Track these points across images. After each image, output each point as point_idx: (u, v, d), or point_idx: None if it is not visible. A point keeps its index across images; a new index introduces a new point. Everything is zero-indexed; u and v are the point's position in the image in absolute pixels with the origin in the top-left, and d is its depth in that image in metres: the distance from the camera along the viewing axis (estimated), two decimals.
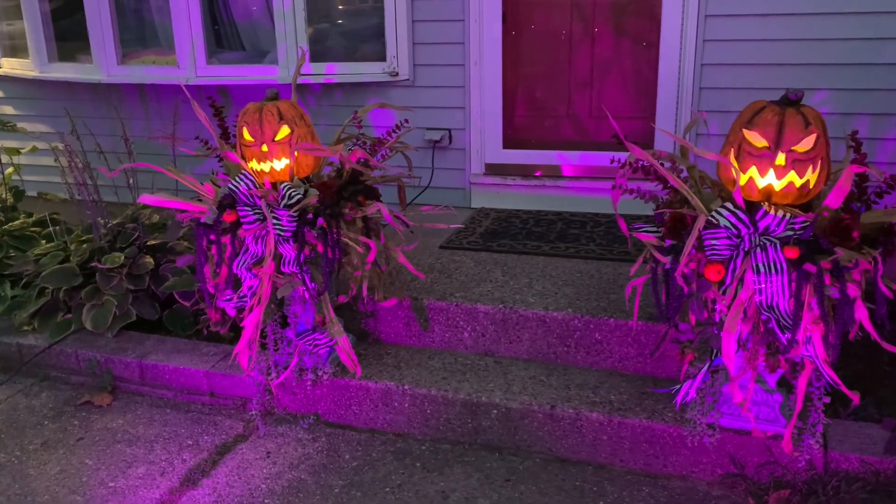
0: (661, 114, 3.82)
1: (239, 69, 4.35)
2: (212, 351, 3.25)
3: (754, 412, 2.46)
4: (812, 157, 2.16)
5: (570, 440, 2.67)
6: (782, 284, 2.11)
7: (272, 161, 2.70)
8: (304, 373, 2.90)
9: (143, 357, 3.22)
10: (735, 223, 2.16)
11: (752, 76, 3.64)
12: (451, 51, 4.06)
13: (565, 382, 2.81)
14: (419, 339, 3.12)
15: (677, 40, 3.70)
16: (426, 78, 4.14)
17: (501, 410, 2.72)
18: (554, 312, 2.90)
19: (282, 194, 2.63)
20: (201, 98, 4.60)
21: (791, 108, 2.18)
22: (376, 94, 4.24)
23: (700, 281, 2.22)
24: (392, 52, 4.13)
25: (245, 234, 2.69)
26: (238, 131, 2.75)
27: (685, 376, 2.44)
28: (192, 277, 3.44)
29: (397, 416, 2.88)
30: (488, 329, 3.01)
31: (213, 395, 3.13)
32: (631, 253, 3.44)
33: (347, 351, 2.78)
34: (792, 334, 2.12)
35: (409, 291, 3.12)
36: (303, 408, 3.00)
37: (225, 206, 2.67)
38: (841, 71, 3.52)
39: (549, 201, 4.06)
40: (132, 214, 3.86)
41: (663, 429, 2.56)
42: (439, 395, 2.79)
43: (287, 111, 2.72)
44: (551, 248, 3.54)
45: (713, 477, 2.54)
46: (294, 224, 2.60)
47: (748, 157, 2.20)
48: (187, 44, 4.32)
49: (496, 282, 3.20)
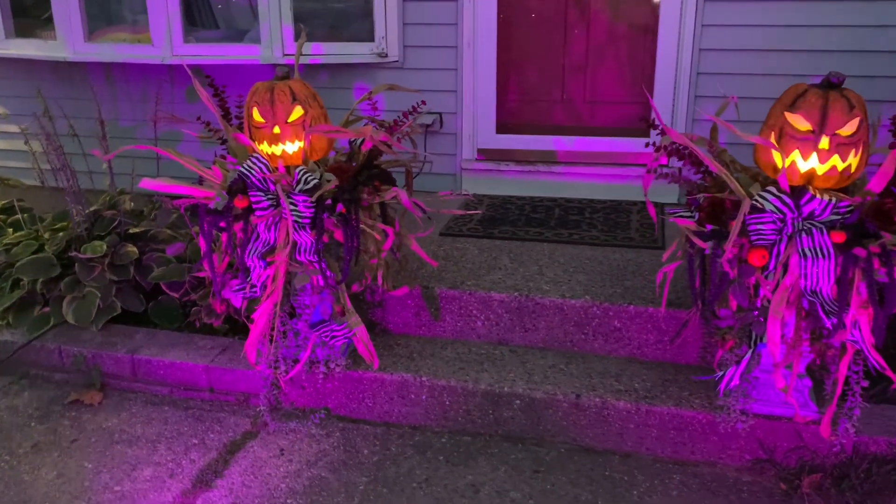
0: (658, 99, 3.80)
1: (218, 48, 4.15)
2: (208, 344, 3.08)
3: (782, 397, 2.45)
4: (855, 141, 2.15)
5: (595, 429, 2.63)
6: (828, 269, 2.10)
7: (284, 144, 2.55)
8: (315, 366, 2.78)
9: (134, 352, 3.04)
10: (780, 207, 2.13)
11: (751, 62, 3.65)
12: (442, 32, 3.95)
13: (586, 371, 2.76)
14: (429, 329, 3.03)
15: (676, 24, 3.68)
16: (417, 60, 4.02)
17: (525, 401, 2.65)
18: (572, 300, 2.84)
19: (297, 178, 2.50)
20: (174, 79, 4.39)
21: (834, 92, 2.16)
22: (364, 75, 4.10)
23: (743, 266, 2.19)
24: (381, 32, 3.99)
25: (257, 221, 2.54)
26: (247, 112, 2.59)
27: (721, 363, 2.41)
28: (180, 267, 3.26)
29: (414, 408, 2.78)
30: (503, 318, 2.93)
31: (213, 390, 2.97)
32: (635, 239, 3.42)
33: (366, 342, 2.67)
34: (838, 319, 2.11)
35: (417, 280, 3.02)
36: (312, 402, 2.87)
37: (236, 191, 2.52)
38: (840, 57, 3.55)
39: (544, 187, 4.00)
40: (110, 201, 3.64)
41: (692, 416, 2.53)
42: (459, 386, 2.70)
43: (300, 91, 2.57)
44: (554, 235, 3.48)
45: (742, 463, 2.54)
46: (312, 210, 2.47)
47: (791, 141, 2.17)
48: (162, 21, 4.09)
49: (506, 269, 3.12)
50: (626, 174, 3.93)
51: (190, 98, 4.38)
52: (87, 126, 4.01)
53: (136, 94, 4.50)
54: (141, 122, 4.53)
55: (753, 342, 2.28)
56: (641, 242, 3.38)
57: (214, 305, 2.81)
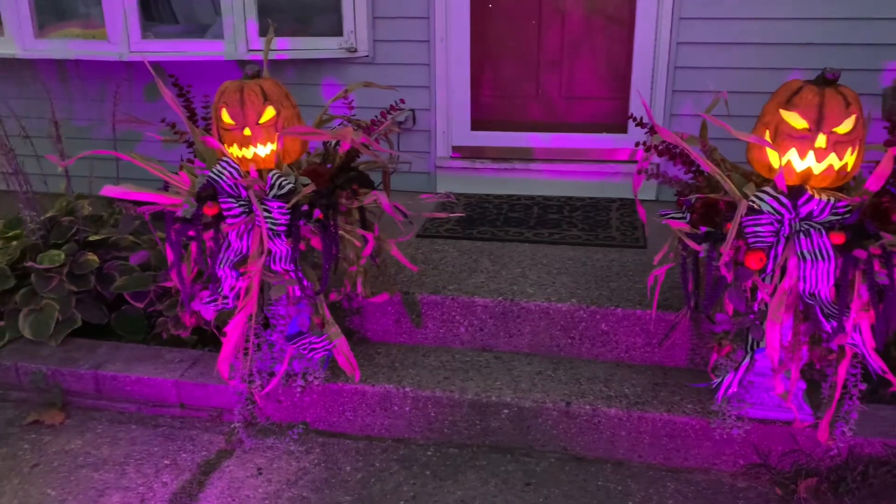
0: (635, 94, 3.73)
1: (179, 44, 3.96)
2: (177, 357, 2.93)
3: (776, 400, 2.40)
4: (852, 139, 2.09)
5: (586, 437, 2.55)
6: (827, 271, 2.04)
7: (256, 146, 2.42)
8: (291, 379, 2.65)
9: (98, 367, 2.87)
10: (778, 208, 2.06)
11: (728, 55, 3.60)
12: (414, 26, 3.83)
13: (574, 376, 2.68)
14: (410, 336, 2.92)
15: (653, 17, 3.61)
16: (387, 55, 3.89)
17: (513, 410, 2.56)
18: (558, 304, 2.76)
19: (270, 183, 2.36)
20: (132, 76, 4.19)
21: (830, 88, 2.09)
22: (332, 71, 3.96)
23: (739, 269, 2.12)
24: (349, 26, 3.85)
25: (229, 230, 2.40)
26: (215, 113, 2.45)
27: (715, 368, 2.35)
28: (145, 276, 3.09)
29: (397, 420, 2.67)
30: (487, 323, 2.83)
31: (184, 406, 2.82)
32: (616, 238, 3.35)
33: (346, 354, 2.55)
34: (838, 322, 2.05)
35: (397, 286, 2.91)
36: (289, 416, 2.74)
37: (205, 198, 2.37)
38: (817, 51, 3.51)
39: (521, 185, 3.91)
40: (67, 206, 3.45)
41: (685, 421, 2.47)
42: (444, 396, 2.60)
43: (271, 90, 2.44)
44: (535, 235, 3.39)
45: (736, 468, 2.48)
46: (287, 216, 2.34)
47: (787, 139, 2.10)
48: (119, 15, 3.89)
49: (487, 272, 3.03)
50: (604, 171, 3.85)
51: (149, 96, 4.19)
52: (39, 126, 3.80)
53: (91, 92, 4.28)
54: (97, 121, 4.32)
55: (750, 347, 2.22)
56: (623, 242, 3.31)
57: (184, 318, 2.66)
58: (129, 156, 2.44)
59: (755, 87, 3.57)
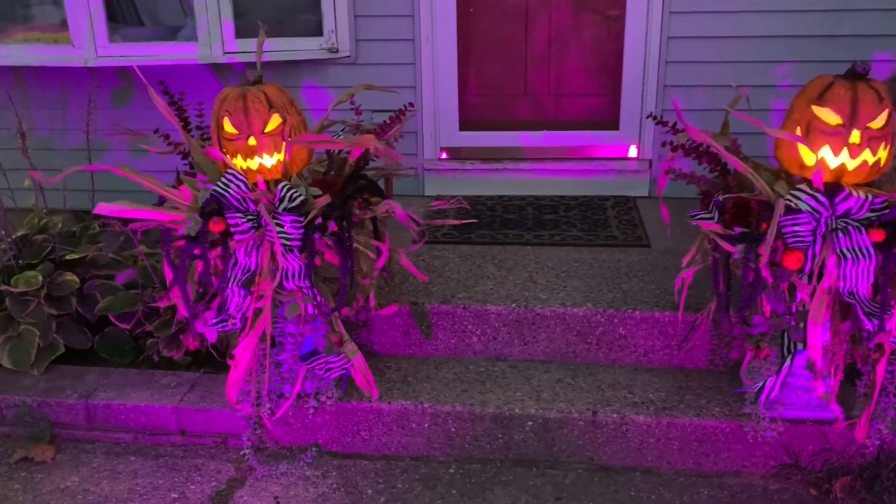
0: (626, 90, 3.68)
1: (150, 47, 3.75)
2: (173, 381, 2.76)
3: (804, 399, 2.37)
4: (885, 134, 2.06)
5: (613, 446, 2.48)
6: (867, 269, 2.00)
7: (262, 157, 2.27)
8: (302, 400, 2.51)
9: (88, 396, 2.68)
10: (816, 207, 2.02)
11: (718, 49, 3.57)
12: (398, 24, 3.70)
13: (595, 383, 2.61)
14: (420, 348, 2.81)
15: (644, 11, 3.55)
16: (371, 55, 3.76)
17: (538, 422, 2.48)
18: (573, 308, 2.68)
19: (279, 196, 2.22)
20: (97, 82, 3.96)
21: (862, 83, 2.06)
22: (313, 73, 3.81)
23: (777, 270, 2.07)
24: (330, 25, 3.70)
25: (237, 246, 2.25)
26: (216, 122, 2.29)
27: (749, 371, 2.30)
28: (130, 295, 2.91)
29: (415, 438, 2.56)
30: (500, 331, 2.74)
31: (185, 433, 2.66)
32: (618, 238, 3.29)
33: (364, 372, 2.43)
34: (880, 320, 2.02)
35: (404, 296, 2.79)
36: (300, 439, 2.61)
37: (211, 214, 2.22)
38: (804, 43, 3.51)
39: (513, 185, 3.82)
40: (39, 223, 3.23)
41: (714, 425, 2.42)
42: (465, 410, 2.50)
43: (276, 97, 2.29)
44: (535, 237, 3.31)
45: (766, 470, 2.44)
46: (301, 230, 2.20)
47: (820, 136, 2.06)
48: (84, 18, 3.66)
49: (494, 278, 2.93)
50: (596, 169, 3.80)
51: (116, 103, 3.97)
52: None
53: (52, 99, 4.03)
54: (59, 131, 4.07)
55: (786, 348, 2.18)
56: (625, 241, 3.25)
57: (186, 341, 2.50)
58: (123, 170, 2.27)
59: (745, 80, 3.56)
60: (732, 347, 2.64)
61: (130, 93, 3.97)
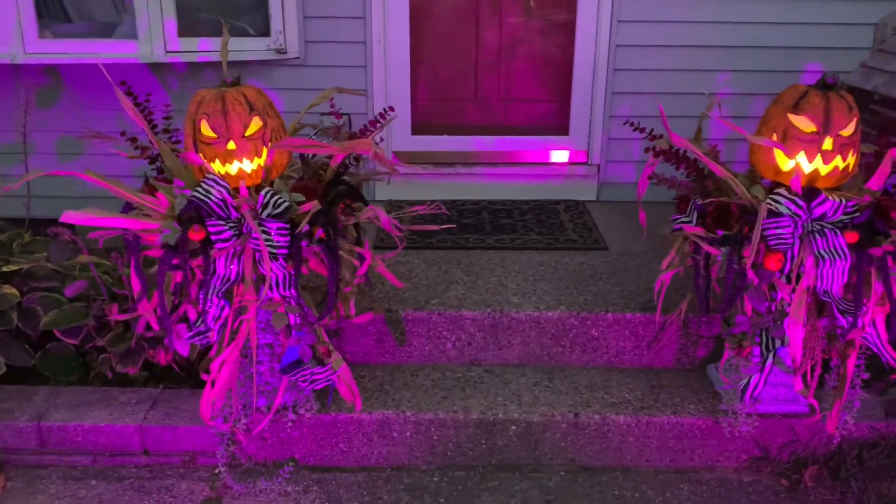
0: (576, 96, 3.74)
1: (84, 45, 3.53)
2: (133, 398, 2.60)
3: (773, 394, 2.48)
4: (853, 141, 2.18)
5: (594, 447, 2.52)
6: (843, 269, 2.11)
7: (241, 161, 2.18)
8: (280, 413, 2.42)
9: (40, 418, 2.49)
10: (795, 210, 2.11)
11: (661, 57, 3.69)
12: (349, 26, 3.64)
13: (573, 385, 2.64)
14: (393, 356, 2.76)
15: (594, 19, 3.63)
16: (320, 56, 3.67)
17: (521, 426, 2.48)
18: (547, 312, 2.70)
19: (262, 201, 2.14)
20: (19, 83, 3.70)
21: (833, 93, 2.17)
22: (259, 74, 3.68)
23: (759, 271, 2.16)
24: (278, 26, 3.60)
25: (217, 255, 2.15)
26: (191, 125, 2.18)
27: (726, 368, 2.38)
28: (78, 308, 2.73)
29: (396, 447, 2.51)
30: (475, 337, 2.73)
31: (149, 453, 2.51)
32: (577, 241, 3.34)
33: (349, 382, 2.36)
34: (854, 317, 2.13)
35: (375, 302, 2.74)
36: (276, 454, 2.51)
37: (190, 221, 2.10)
38: (741, 53, 3.68)
39: (466, 190, 3.82)
40: None
41: (691, 423, 2.49)
42: (448, 417, 2.48)
43: (256, 99, 2.21)
44: (496, 241, 3.32)
45: (739, 463, 2.54)
46: (288, 238, 2.12)
47: (797, 142, 2.17)
48: (11, 13, 3.41)
49: (464, 283, 2.92)
50: (546, 173, 3.85)
51: (43, 102, 3.71)
52: None
53: None
54: None
55: (765, 346, 2.26)
56: (584, 244, 3.31)
57: (157, 357, 2.37)
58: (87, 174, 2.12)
59: (687, 88, 3.70)
60: (699, 346, 2.74)
61: (58, 92, 3.72)
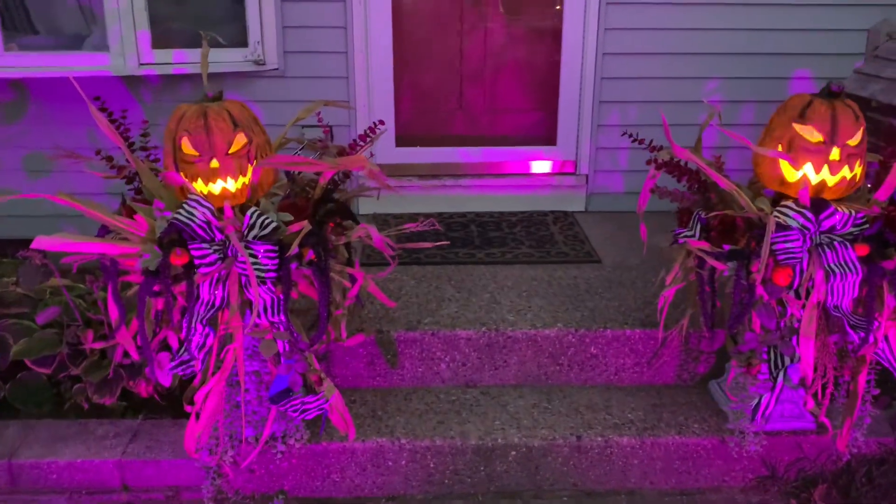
0: (563, 105, 3.67)
1: (53, 58, 3.37)
2: (111, 431, 2.46)
3: (779, 410, 2.41)
4: (860, 151, 2.12)
5: (598, 470, 2.42)
6: (853, 283, 2.05)
7: (226, 180, 2.06)
8: (270, 443, 2.30)
9: (12, 455, 2.34)
10: (804, 223, 2.04)
11: (649, 65, 3.63)
12: (330, 36, 3.53)
13: (572, 406, 2.55)
14: (385, 379, 2.65)
15: (580, 28, 3.56)
16: (300, 67, 3.56)
17: (521, 451, 2.38)
18: (544, 330, 2.61)
19: (248, 222, 2.02)
20: None
21: (839, 102, 2.11)
22: (237, 87, 3.56)
23: (769, 286, 2.08)
24: (255, 36, 3.48)
25: (201, 280, 2.02)
26: (171, 143, 2.06)
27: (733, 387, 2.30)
28: (49, 336, 2.58)
29: (390, 476, 2.40)
30: (470, 357, 2.63)
31: (129, 489, 2.37)
32: (569, 254, 3.26)
33: (341, 410, 2.24)
34: (866, 332, 2.07)
35: (365, 323, 2.63)
36: (264, 486, 2.39)
37: (171, 244, 1.98)
38: (729, 60, 3.63)
39: (452, 202, 3.73)
40: None
41: (696, 443, 2.41)
42: (446, 444, 2.37)
43: (240, 115, 2.09)
44: (486, 256, 3.23)
45: (745, 483, 2.46)
46: (276, 260, 2.01)
47: (803, 153, 2.10)
48: None
49: (456, 300, 2.82)
50: (534, 184, 3.77)
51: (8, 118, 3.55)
52: None
53: None
54: None
55: (773, 364, 2.19)
56: (576, 257, 3.23)
57: (138, 388, 2.23)
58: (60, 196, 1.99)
59: (676, 96, 3.65)
60: (700, 362, 2.66)
61: (25, 107, 3.57)
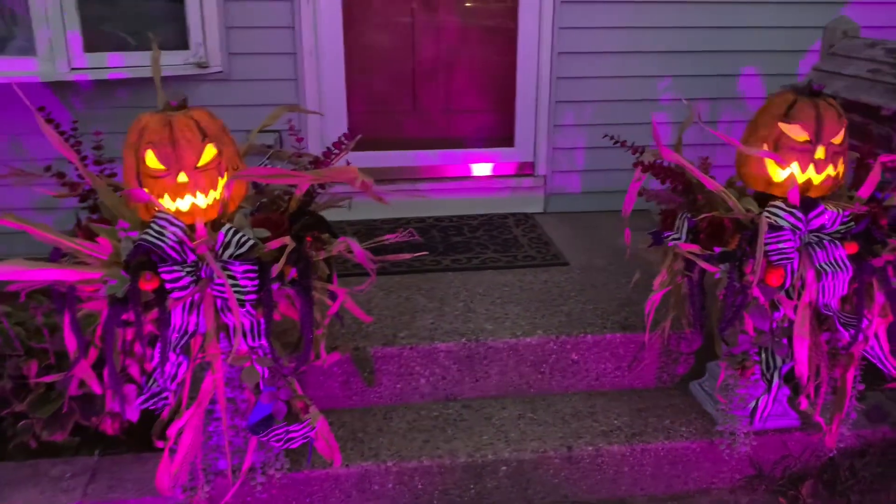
0: (520, 106, 3.61)
1: None
2: (67, 471, 2.25)
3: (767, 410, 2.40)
4: (843, 149, 2.13)
5: (589, 480, 2.37)
6: (844, 282, 2.05)
7: (195, 195, 1.90)
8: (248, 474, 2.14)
9: None
10: (795, 223, 2.03)
11: (603, 64, 3.60)
12: (277, 36, 3.36)
13: (558, 415, 2.49)
14: (361, 398, 2.52)
15: (535, 27, 3.51)
16: (246, 70, 3.38)
17: (512, 465, 2.30)
18: (525, 338, 2.54)
19: (222, 241, 1.87)
20: None
21: (822, 101, 2.11)
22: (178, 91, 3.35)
23: (761, 287, 2.07)
24: (197, 38, 3.28)
25: (174, 306, 1.86)
26: (133, 156, 1.88)
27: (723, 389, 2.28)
28: None
29: (376, 501, 2.28)
30: (450, 370, 2.53)
31: None
32: (536, 258, 3.20)
33: (326, 437, 2.11)
34: (856, 330, 2.08)
35: (339, 340, 2.50)
36: None
37: (139, 268, 1.81)
38: (684, 58, 3.64)
39: (409, 207, 3.61)
40: None
41: (685, 446, 2.39)
42: (434, 464, 2.27)
43: (209, 125, 1.93)
44: (452, 262, 3.13)
45: (734, 483, 2.46)
46: (256, 280, 1.86)
47: (789, 152, 2.09)
48: None
49: (430, 311, 2.72)
50: (493, 186, 3.70)
51: None
52: None
53: None
54: None
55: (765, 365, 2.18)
56: (543, 260, 3.17)
57: (104, 425, 2.04)
58: (8, 219, 1.79)
59: (630, 94, 3.64)
60: (679, 363, 2.65)
61: None
